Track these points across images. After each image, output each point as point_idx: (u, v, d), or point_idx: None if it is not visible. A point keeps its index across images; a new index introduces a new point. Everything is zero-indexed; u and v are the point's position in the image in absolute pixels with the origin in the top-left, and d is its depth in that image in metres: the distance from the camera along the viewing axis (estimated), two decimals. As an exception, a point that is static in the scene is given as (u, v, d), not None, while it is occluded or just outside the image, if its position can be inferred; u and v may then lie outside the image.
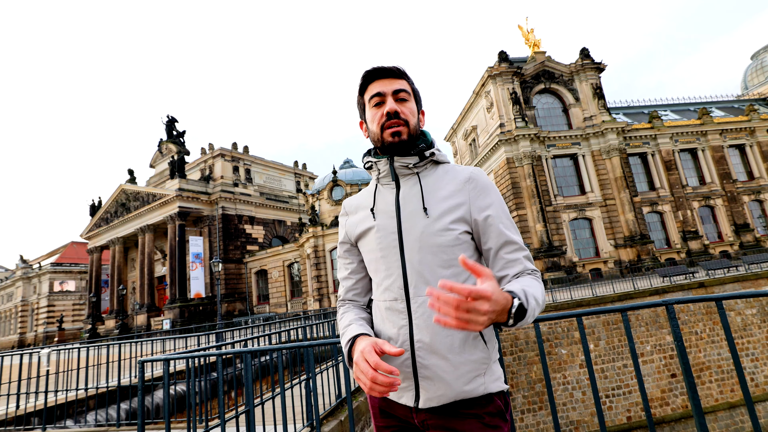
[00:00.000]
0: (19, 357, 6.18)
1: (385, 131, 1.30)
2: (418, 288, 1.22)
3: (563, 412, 14.12)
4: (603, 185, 29.65)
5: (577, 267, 27.74)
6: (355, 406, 5.51)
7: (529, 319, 1.05)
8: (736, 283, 16.64)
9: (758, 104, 39.11)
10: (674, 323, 1.94)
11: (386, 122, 1.29)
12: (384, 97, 1.31)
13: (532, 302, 1.05)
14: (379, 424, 1.33)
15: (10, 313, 58.71)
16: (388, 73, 1.33)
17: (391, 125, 1.29)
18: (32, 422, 6.31)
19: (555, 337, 14.86)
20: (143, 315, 35.02)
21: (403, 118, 1.30)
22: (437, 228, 1.23)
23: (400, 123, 1.29)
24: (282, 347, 3.07)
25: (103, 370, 9.14)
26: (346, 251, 1.45)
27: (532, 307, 1.05)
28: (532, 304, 1.05)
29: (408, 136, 1.30)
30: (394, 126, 1.29)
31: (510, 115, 30.16)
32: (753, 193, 32.44)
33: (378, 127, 1.31)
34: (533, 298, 1.06)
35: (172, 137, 40.45)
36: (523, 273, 1.22)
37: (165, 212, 34.98)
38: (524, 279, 1.18)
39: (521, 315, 1.01)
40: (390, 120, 1.29)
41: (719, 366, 14.95)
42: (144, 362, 3.00)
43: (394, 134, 1.29)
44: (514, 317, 0.99)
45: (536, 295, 1.08)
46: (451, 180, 1.31)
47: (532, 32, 33.36)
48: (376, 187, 1.40)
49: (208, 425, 3.30)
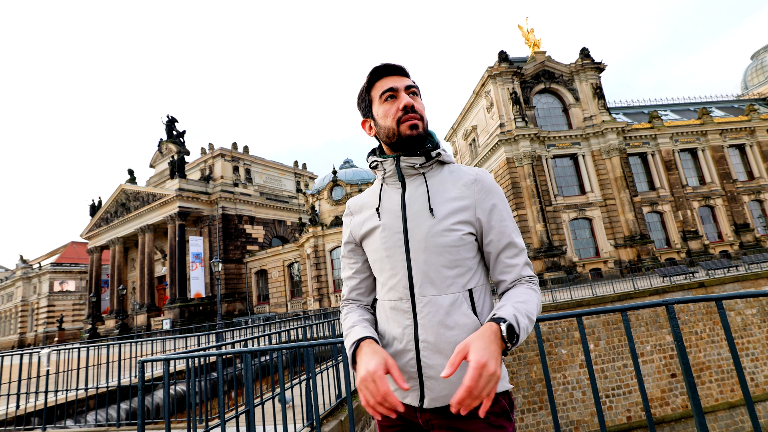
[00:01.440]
0: (19, 357, 6.19)
1: (402, 124, 1.30)
2: (423, 288, 1.22)
3: (563, 412, 14.12)
4: (603, 185, 29.65)
5: (577, 267, 27.75)
6: (355, 406, 5.50)
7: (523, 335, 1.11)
8: (736, 283, 16.64)
9: (758, 104, 39.12)
10: (674, 323, 1.94)
11: (403, 116, 1.30)
12: (397, 92, 1.32)
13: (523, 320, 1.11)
14: (382, 424, 1.32)
15: (10, 313, 58.72)
16: (397, 70, 1.35)
17: (409, 118, 1.29)
18: (32, 422, 6.31)
19: (555, 337, 14.86)
20: (143, 315, 35.02)
21: (418, 111, 1.31)
22: (442, 228, 1.24)
23: (416, 116, 1.30)
24: (282, 347, 3.06)
25: (103, 370, 9.14)
26: (350, 251, 1.45)
27: (524, 325, 1.11)
28: (523, 322, 1.11)
29: (423, 130, 1.32)
30: (411, 119, 1.29)
31: (510, 115, 30.16)
32: (753, 193, 32.45)
33: (394, 121, 1.31)
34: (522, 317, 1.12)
35: (172, 137, 40.46)
36: (520, 280, 1.26)
37: (165, 212, 34.99)
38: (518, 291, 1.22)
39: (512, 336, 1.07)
40: (407, 114, 1.29)
41: (719, 366, 14.95)
42: (144, 362, 3.00)
43: (412, 126, 1.29)
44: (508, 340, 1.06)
45: (529, 311, 1.15)
46: (457, 181, 1.31)
47: (532, 32, 33.36)
48: (381, 187, 1.39)
49: (208, 425, 3.30)
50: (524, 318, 1.11)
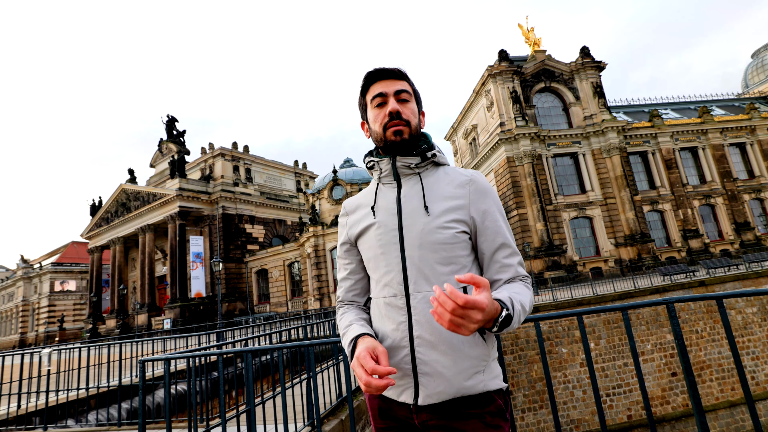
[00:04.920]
0: (20, 357, 6.20)
1: (387, 130, 1.33)
2: (417, 284, 1.24)
3: (564, 411, 14.13)
4: (603, 184, 29.63)
5: (578, 266, 27.73)
6: (356, 405, 5.51)
7: (515, 325, 1.11)
8: (737, 281, 16.63)
9: (759, 103, 39.07)
10: (675, 322, 1.94)
11: (389, 122, 1.32)
12: (386, 98, 1.34)
13: (518, 310, 1.11)
14: (378, 426, 1.32)
15: (11, 312, 58.79)
16: (390, 74, 1.36)
17: (393, 125, 1.32)
18: (33, 422, 6.32)
19: (555, 335, 14.87)
20: (144, 314, 35.06)
21: (404, 118, 1.33)
22: (437, 225, 1.25)
23: (401, 123, 1.32)
24: (282, 346, 3.07)
25: (104, 370, 9.17)
26: (345, 251, 1.46)
27: (517, 314, 1.11)
28: (518, 312, 1.11)
29: (409, 135, 1.34)
30: (396, 125, 1.32)
31: (510, 114, 30.13)
32: (753, 191, 32.43)
33: (380, 127, 1.34)
34: (520, 305, 1.12)
35: (172, 137, 40.44)
36: (514, 279, 1.27)
37: (165, 212, 35.00)
38: (514, 286, 1.23)
39: (506, 324, 1.06)
40: (392, 120, 1.32)
41: (720, 364, 14.95)
42: (145, 362, 3.00)
43: (396, 133, 1.32)
44: (499, 326, 1.05)
45: (523, 302, 1.15)
46: (452, 181, 1.34)
47: (532, 31, 33.31)
48: (377, 187, 1.42)
49: (209, 424, 3.31)
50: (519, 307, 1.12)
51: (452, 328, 0.95)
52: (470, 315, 0.94)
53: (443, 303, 0.93)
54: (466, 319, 0.94)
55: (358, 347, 1.18)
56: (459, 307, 0.92)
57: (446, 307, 0.93)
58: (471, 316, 0.94)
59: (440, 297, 0.94)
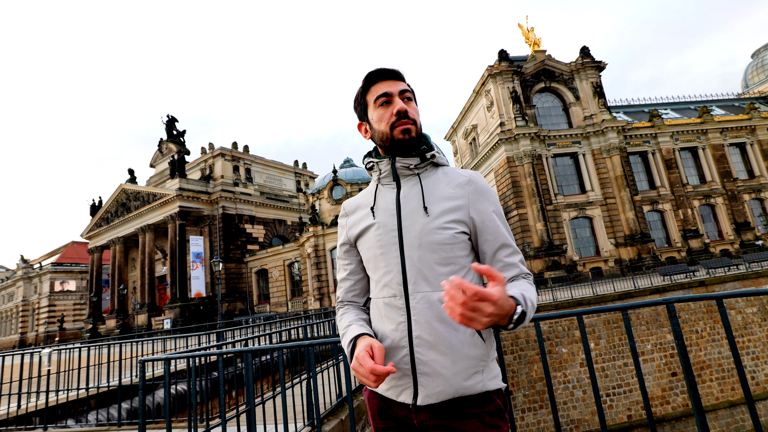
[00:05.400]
0: (20, 357, 6.20)
1: (395, 129, 1.33)
2: (417, 284, 1.24)
3: (564, 411, 14.14)
4: (603, 184, 29.63)
5: (578, 266, 27.74)
6: (356, 405, 5.51)
7: (526, 322, 1.10)
8: (737, 281, 16.63)
9: (759, 103, 39.09)
10: (675, 322, 1.94)
11: (396, 121, 1.33)
12: (391, 97, 1.35)
13: (530, 306, 1.10)
14: (378, 426, 1.32)
15: (11, 312, 58.81)
16: (392, 74, 1.38)
17: (402, 123, 1.33)
18: (33, 422, 6.32)
19: (555, 335, 14.87)
20: (144, 314, 35.06)
21: (411, 117, 1.34)
22: (436, 225, 1.26)
23: (409, 122, 1.33)
24: (283, 346, 3.07)
25: (104, 370, 9.17)
26: (345, 252, 1.47)
27: (530, 311, 1.10)
28: (530, 308, 1.10)
29: (416, 134, 1.35)
30: (404, 124, 1.33)
31: (510, 114, 30.14)
32: (753, 191, 32.43)
33: (387, 126, 1.34)
34: (530, 302, 1.11)
35: (172, 137, 40.45)
36: (518, 277, 1.28)
37: (165, 212, 35.01)
38: (521, 283, 1.23)
39: (521, 320, 1.05)
40: (400, 119, 1.33)
41: (720, 364, 14.95)
42: (145, 362, 3.00)
43: (404, 131, 1.33)
44: (515, 323, 1.03)
45: (532, 299, 1.14)
46: (451, 181, 1.34)
47: (532, 31, 33.31)
48: (376, 188, 1.42)
49: (209, 424, 3.31)
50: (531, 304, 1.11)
51: (464, 321, 0.94)
52: (481, 308, 0.93)
53: (453, 296, 0.93)
54: (478, 312, 0.93)
55: (357, 347, 1.19)
56: (469, 299, 0.92)
57: (456, 299, 0.92)
58: (482, 309, 0.93)
59: (450, 290, 0.94)
